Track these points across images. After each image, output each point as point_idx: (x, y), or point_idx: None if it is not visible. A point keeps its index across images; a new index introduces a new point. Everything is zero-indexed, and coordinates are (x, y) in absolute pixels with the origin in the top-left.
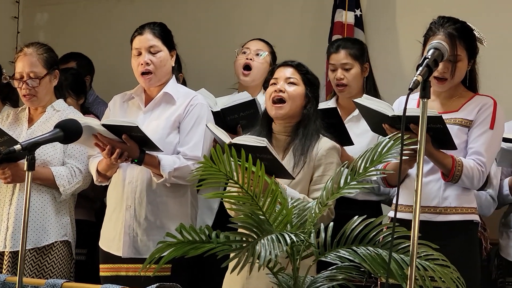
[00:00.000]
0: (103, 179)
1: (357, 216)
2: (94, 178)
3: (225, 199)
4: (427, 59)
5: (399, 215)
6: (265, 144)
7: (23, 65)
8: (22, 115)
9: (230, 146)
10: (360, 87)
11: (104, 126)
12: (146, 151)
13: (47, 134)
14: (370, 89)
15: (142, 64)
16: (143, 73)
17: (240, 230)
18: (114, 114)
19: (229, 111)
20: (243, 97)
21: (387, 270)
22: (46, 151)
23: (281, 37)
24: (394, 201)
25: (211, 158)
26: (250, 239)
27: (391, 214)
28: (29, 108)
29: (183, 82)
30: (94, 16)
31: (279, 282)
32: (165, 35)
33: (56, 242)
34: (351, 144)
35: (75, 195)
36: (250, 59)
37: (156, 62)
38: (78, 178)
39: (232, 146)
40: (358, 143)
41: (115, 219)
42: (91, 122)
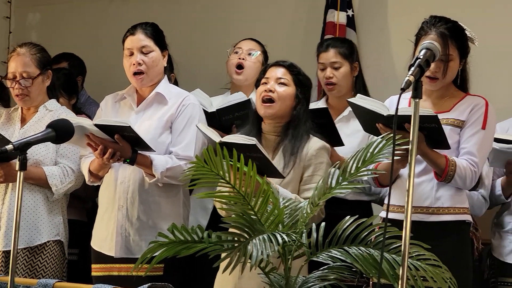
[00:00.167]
0: (95, 179)
1: (348, 216)
2: (86, 178)
3: (215, 199)
4: (419, 59)
5: (391, 216)
6: (254, 142)
7: (16, 65)
8: (14, 115)
9: (221, 145)
10: (349, 86)
11: (96, 126)
12: (139, 151)
13: (39, 134)
14: (360, 88)
15: (134, 64)
16: (135, 73)
17: (231, 230)
18: (106, 114)
19: (224, 112)
20: (238, 97)
21: (379, 270)
22: (39, 151)
23: (273, 37)
24: (386, 201)
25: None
26: (241, 239)
27: (383, 214)
28: (21, 108)
29: (175, 82)
30: (86, 16)
31: (271, 282)
32: (157, 35)
33: (48, 241)
34: (341, 144)
35: (68, 195)
36: (243, 59)
37: (148, 62)
38: (71, 178)
39: (223, 145)
40: (348, 143)
41: (107, 219)
42: (84, 122)
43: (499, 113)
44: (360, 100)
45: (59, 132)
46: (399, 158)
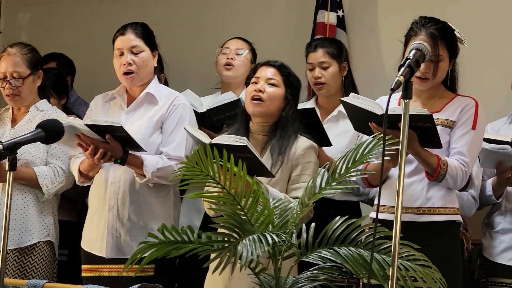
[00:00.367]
0: (85, 180)
1: (339, 216)
2: (76, 178)
3: (203, 199)
4: (409, 60)
5: (382, 216)
6: (245, 143)
7: (7, 65)
8: (5, 115)
9: (212, 146)
10: (338, 86)
11: (87, 126)
12: (129, 151)
13: (29, 134)
14: (349, 88)
15: (124, 64)
16: (125, 73)
17: (221, 230)
18: (96, 114)
19: (214, 112)
20: (228, 97)
21: (369, 271)
22: (29, 151)
23: (263, 37)
24: (376, 201)
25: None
26: (231, 239)
27: (373, 214)
28: (12, 108)
29: (165, 83)
30: (77, 16)
31: (261, 282)
32: (147, 35)
33: (39, 242)
34: (329, 145)
35: (58, 195)
36: (231, 59)
37: (138, 62)
38: (61, 178)
39: (213, 147)
40: (337, 143)
41: (98, 220)
42: (74, 122)
43: (489, 113)
44: (354, 99)
45: (49, 132)
46: (390, 157)
